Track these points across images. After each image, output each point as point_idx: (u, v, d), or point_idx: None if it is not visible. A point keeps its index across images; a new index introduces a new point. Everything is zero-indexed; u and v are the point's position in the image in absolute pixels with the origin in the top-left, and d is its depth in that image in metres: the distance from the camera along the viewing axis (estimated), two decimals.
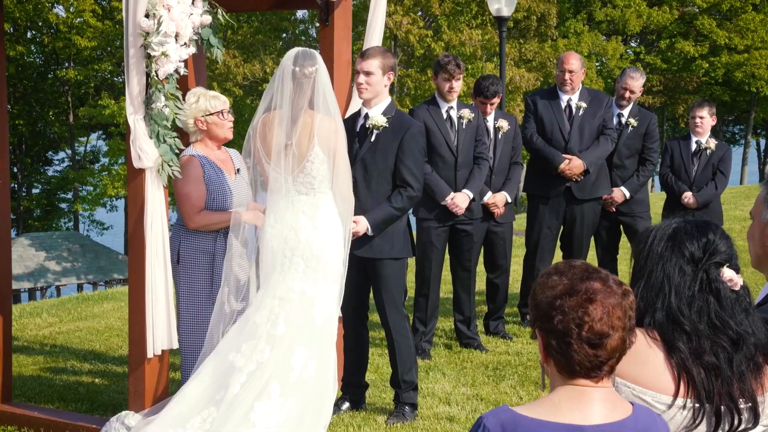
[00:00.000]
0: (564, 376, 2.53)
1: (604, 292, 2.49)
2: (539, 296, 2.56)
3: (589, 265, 2.58)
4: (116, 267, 35.37)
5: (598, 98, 8.60)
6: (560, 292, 2.51)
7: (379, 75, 6.05)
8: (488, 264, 8.34)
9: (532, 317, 2.61)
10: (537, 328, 2.56)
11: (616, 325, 2.47)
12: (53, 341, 8.84)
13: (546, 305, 2.52)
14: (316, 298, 5.46)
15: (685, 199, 8.79)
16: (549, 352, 2.54)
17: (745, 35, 41.65)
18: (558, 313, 2.49)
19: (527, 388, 6.71)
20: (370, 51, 6.13)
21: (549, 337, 2.52)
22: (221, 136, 6.10)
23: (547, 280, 2.57)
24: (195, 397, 5.37)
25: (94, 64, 36.48)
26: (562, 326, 2.48)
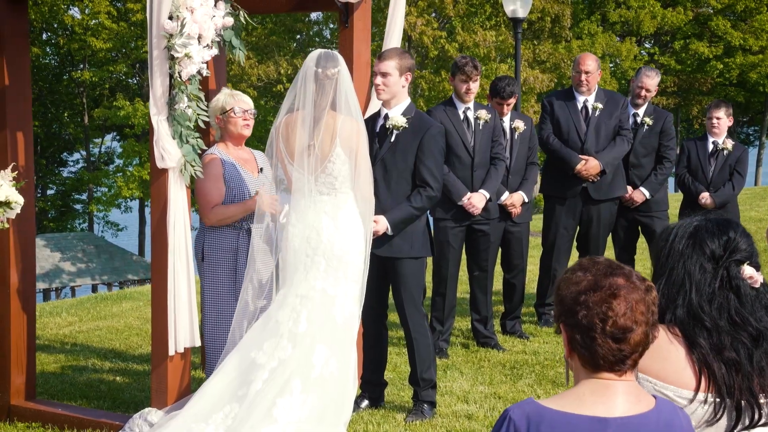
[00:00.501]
0: (588, 370, 2.59)
1: (627, 287, 2.55)
2: (564, 292, 2.61)
3: (612, 261, 2.64)
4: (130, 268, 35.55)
5: (613, 99, 8.66)
6: (584, 288, 2.57)
7: (396, 76, 6.11)
8: (505, 264, 8.40)
9: (557, 312, 2.67)
10: (561, 323, 2.62)
11: (639, 320, 2.53)
12: (74, 340, 8.93)
13: (570, 301, 2.58)
14: (337, 297, 5.53)
15: (702, 199, 8.83)
16: (573, 346, 2.60)
17: (759, 36, 41.52)
18: (582, 309, 2.55)
19: (544, 386, 6.76)
20: (386, 52, 6.20)
21: (573, 331, 2.58)
22: (235, 134, 6.25)
23: (571, 276, 2.63)
24: (217, 394, 5.43)
25: (109, 66, 36.66)
26: (587, 321, 2.54)
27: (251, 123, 6.33)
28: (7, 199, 5.22)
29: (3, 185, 5.24)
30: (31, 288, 6.39)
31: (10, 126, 6.17)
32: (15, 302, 6.25)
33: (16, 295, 6.25)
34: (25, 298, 6.31)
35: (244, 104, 6.27)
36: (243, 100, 6.29)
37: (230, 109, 6.20)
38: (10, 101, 6.18)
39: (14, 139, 6.20)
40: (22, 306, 6.30)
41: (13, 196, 5.27)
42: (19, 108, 6.24)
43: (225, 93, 6.31)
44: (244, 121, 6.24)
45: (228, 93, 6.32)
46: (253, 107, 6.37)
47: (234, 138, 6.25)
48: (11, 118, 6.18)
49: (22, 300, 6.29)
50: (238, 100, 6.29)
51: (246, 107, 6.26)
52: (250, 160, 6.28)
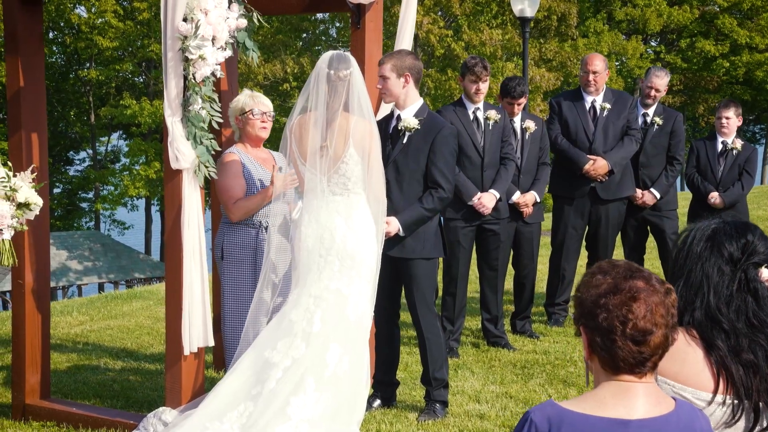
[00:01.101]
0: (608, 372, 2.62)
1: (647, 290, 2.58)
2: (584, 294, 2.64)
3: (632, 264, 2.67)
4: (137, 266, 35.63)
5: (622, 99, 8.69)
6: (604, 291, 2.60)
7: (394, 78, 6.13)
8: (516, 263, 8.43)
9: (577, 314, 2.70)
10: (581, 326, 2.65)
11: (659, 323, 2.56)
12: (85, 339, 8.97)
13: (591, 303, 2.61)
14: (350, 297, 5.57)
15: (712, 199, 8.85)
16: (593, 348, 2.63)
17: (766, 34, 41.48)
18: (602, 311, 2.58)
19: (556, 386, 6.79)
20: (385, 56, 6.26)
21: (594, 334, 2.61)
22: (252, 135, 6.37)
23: (591, 278, 2.66)
24: (231, 393, 5.47)
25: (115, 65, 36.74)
26: (607, 324, 2.57)
27: (269, 125, 6.42)
28: (27, 200, 5.26)
29: (23, 187, 5.27)
30: (45, 288, 6.43)
31: (25, 127, 6.21)
32: (30, 302, 6.29)
33: (30, 294, 6.29)
34: (40, 298, 6.35)
35: (263, 106, 6.37)
36: (262, 102, 6.40)
37: (249, 111, 6.30)
38: (24, 102, 6.22)
39: (29, 139, 6.24)
40: (37, 305, 6.34)
41: (33, 198, 5.31)
42: (33, 109, 6.28)
43: (245, 94, 6.41)
44: (261, 123, 6.35)
45: (248, 94, 6.41)
46: (272, 109, 6.46)
47: (252, 139, 6.38)
48: (26, 119, 6.22)
49: (37, 300, 6.33)
50: (257, 102, 6.39)
51: (265, 109, 6.37)
52: (269, 159, 6.39)
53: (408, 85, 6.15)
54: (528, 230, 8.25)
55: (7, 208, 5.12)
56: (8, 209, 5.13)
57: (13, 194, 5.24)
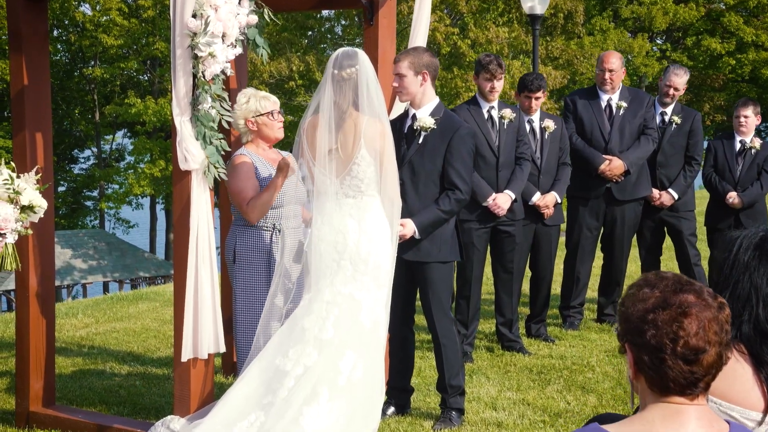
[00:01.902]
0: (656, 393, 2.44)
1: (698, 305, 2.40)
2: (629, 309, 2.47)
3: (680, 276, 2.50)
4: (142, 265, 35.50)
5: (638, 97, 8.51)
6: (652, 306, 2.42)
7: (411, 75, 5.96)
8: (533, 266, 8.24)
9: (622, 331, 2.52)
10: (627, 343, 2.47)
11: (712, 340, 2.39)
12: (90, 342, 8.81)
13: (637, 319, 2.43)
14: (364, 302, 5.39)
15: (730, 199, 8.68)
16: (640, 367, 2.45)
17: None
18: (651, 328, 2.40)
19: (574, 392, 6.61)
20: (400, 53, 6.07)
21: (641, 352, 2.43)
22: (272, 137, 6.23)
23: (637, 292, 2.48)
24: (242, 401, 5.31)
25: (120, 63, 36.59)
26: (656, 341, 2.39)
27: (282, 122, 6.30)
28: (31, 203, 5.09)
29: (27, 189, 5.09)
30: (50, 292, 6.26)
31: (29, 127, 6.04)
32: (34, 306, 6.13)
33: (35, 298, 6.12)
34: (45, 302, 6.19)
35: (277, 105, 6.25)
36: (275, 101, 6.27)
37: (267, 113, 6.14)
38: (29, 102, 6.05)
39: (33, 140, 6.07)
40: (41, 310, 6.17)
41: (37, 200, 5.13)
42: (38, 109, 6.11)
43: (253, 95, 6.21)
44: (279, 123, 6.21)
45: (256, 95, 6.23)
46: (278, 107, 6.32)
47: (269, 140, 6.24)
48: (30, 119, 6.05)
49: (42, 304, 6.17)
50: (272, 102, 6.26)
51: (278, 108, 6.24)
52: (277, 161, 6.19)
53: (425, 84, 5.97)
54: (547, 232, 8.05)
55: (10, 212, 4.95)
56: (12, 212, 4.96)
57: (16, 196, 5.07)
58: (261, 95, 6.23)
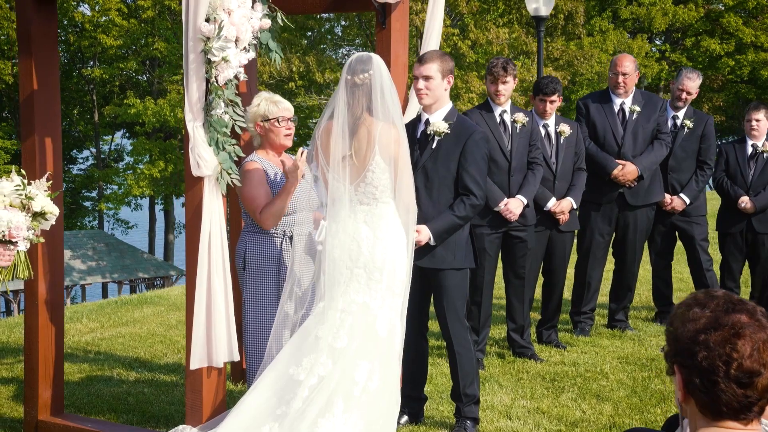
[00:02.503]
0: (708, 418, 2.36)
1: (752, 325, 2.32)
2: (679, 329, 2.38)
3: (731, 295, 2.41)
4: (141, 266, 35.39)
5: (652, 101, 8.42)
6: (703, 326, 2.34)
7: (439, 79, 5.89)
8: (546, 271, 8.15)
9: (671, 352, 2.43)
10: (676, 364, 2.39)
11: (767, 362, 2.30)
12: (96, 348, 8.72)
13: (688, 340, 2.35)
14: (378, 311, 5.30)
15: (742, 203, 8.61)
16: (691, 390, 2.37)
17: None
18: (702, 349, 2.32)
19: (589, 401, 6.53)
20: (427, 55, 5.97)
21: (692, 374, 2.35)
22: (276, 143, 6.14)
23: (686, 311, 2.39)
24: (254, 412, 5.22)
25: (119, 63, 36.45)
26: (708, 363, 2.31)
27: (293, 131, 6.16)
28: (43, 209, 4.99)
29: (38, 195, 5.00)
30: (60, 299, 6.18)
31: (38, 131, 5.95)
32: (43, 314, 6.04)
33: (44, 306, 6.03)
34: (54, 309, 6.10)
35: (288, 112, 6.13)
36: (286, 108, 6.15)
37: (273, 119, 6.05)
38: (38, 105, 5.95)
39: (43, 144, 5.98)
40: (51, 317, 6.08)
41: (49, 207, 5.04)
42: (47, 112, 6.01)
43: (266, 99, 6.13)
44: (287, 130, 6.10)
45: (269, 99, 6.14)
46: (293, 113, 6.19)
47: (275, 147, 6.14)
48: (40, 123, 5.96)
49: (51, 311, 6.07)
50: (281, 109, 6.15)
51: (289, 115, 6.12)
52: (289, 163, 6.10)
53: (448, 88, 5.91)
54: (561, 238, 7.96)
55: (22, 219, 4.86)
56: (24, 220, 4.86)
57: (28, 203, 4.97)
58: (273, 100, 6.13)
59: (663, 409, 6.29)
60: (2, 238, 4.79)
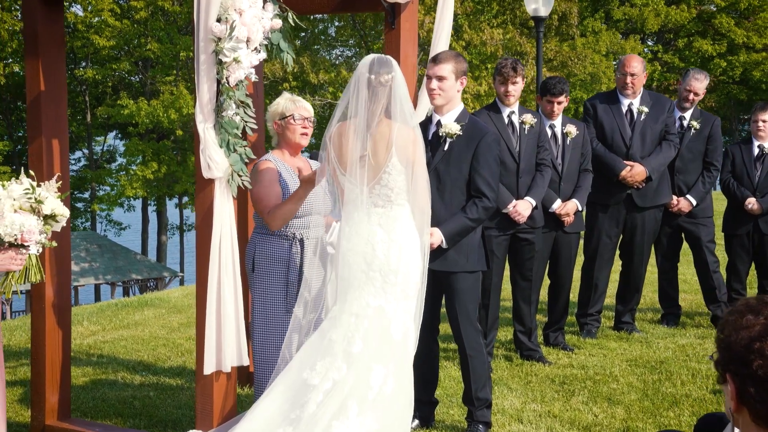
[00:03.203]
0: (762, 428, 2.30)
1: None
2: (732, 337, 2.32)
3: None
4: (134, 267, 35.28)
5: (660, 102, 8.37)
6: (758, 333, 2.28)
7: (452, 80, 5.84)
8: (552, 273, 8.10)
9: (723, 360, 2.37)
10: (729, 373, 2.33)
11: None
12: (99, 351, 8.64)
13: (741, 348, 2.29)
14: (393, 314, 5.23)
15: (749, 205, 8.58)
16: (744, 399, 2.31)
17: (763, 34, 41.60)
18: (757, 357, 2.26)
19: (600, 404, 6.48)
20: (442, 55, 5.92)
21: (745, 383, 2.29)
22: (292, 142, 6.08)
23: (738, 319, 2.33)
24: (268, 416, 5.15)
25: (112, 64, 36.30)
26: (763, 372, 2.25)
27: (310, 131, 6.10)
28: (53, 212, 4.91)
29: (49, 197, 4.92)
30: (67, 302, 6.11)
31: (45, 133, 5.88)
32: (50, 318, 5.97)
33: (51, 310, 5.96)
34: (61, 313, 6.03)
35: (305, 111, 6.06)
36: (304, 107, 6.08)
37: (290, 116, 5.99)
38: (45, 107, 5.89)
39: (50, 146, 5.91)
40: (58, 321, 6.02)
41: (59, 209, 4.96)
42: (55, 114, 5.95)
43: (285, 98, 6.09)
44: (303, 129, 6.03)
45: (288, 98, 6.09)
46: (313, 115, 6.12)
47: (291, 146, 6.07)
48: (47, 125, 5.89)
49: (58, 315, 6.01)
50: (299, 107, 6.08)
51: (306, 114, 6.06)
52: (305, 167, 6.03)
53: (461, 90, 5.85)
54: (567, 240, 7.90)
55: (34, 223, 4.78)
56: (36, 224, 4.78)
57: (38, 206, 4.89)
58: (289, 98, 6.10)
59: (676, 412, 6.24)
60: (14, 242, 4.71)
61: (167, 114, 31.94)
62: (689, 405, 6.39)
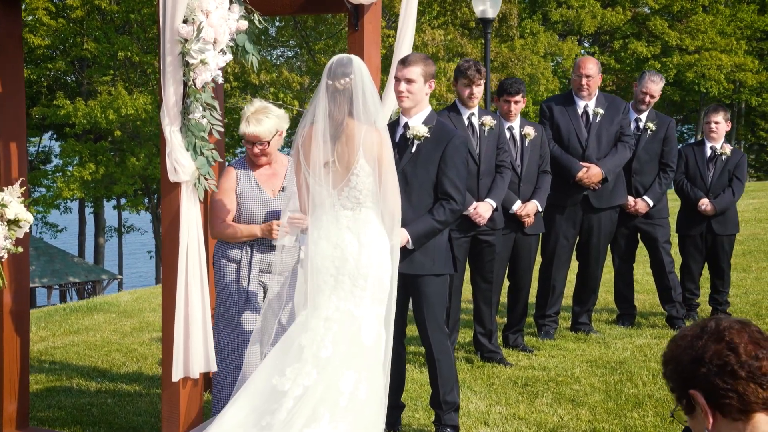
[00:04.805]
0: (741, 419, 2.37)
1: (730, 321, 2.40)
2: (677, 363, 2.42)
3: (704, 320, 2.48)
4: (72, 270, 34.72)
5: (614, 104, 8.44)
6: (691, 341, 2.40)
7: (421, 83, 5.81)
8: (511, 275, 8.10)
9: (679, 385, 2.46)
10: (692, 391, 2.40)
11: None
12: (51, 357, 8.47)
13: (689, 360, 2.45)
14: (363, 319, 5.19)
15: (702, 206, 8.68)
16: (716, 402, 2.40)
17: (695, 36, 42.30)
18: (705, 354, 2.40)
19: (565, 406, 6.50)
20: (411, 58, 5.88)
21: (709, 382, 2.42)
22: (254, 161, 5.98)
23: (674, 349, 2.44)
24: (237, 423, 5.08)
25: (47, 63, 35.67)
26: (718, 359, 2.39)
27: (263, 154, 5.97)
28: (17, 217, 4.79)
29: (12, 202, 4.80)
30: (25, 310, 5.96)
31: (3, 136, 5.74)
32: (8, 324, 5.82)
33: (9, 316, 5.82)
34: (19, 320, 5.89)
35: (254, 137, 5.90)
36: (253, 134, 5.90)
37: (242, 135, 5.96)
38: (4, 110, 5.75)
39: (8, 151, 5.76)
40: (16, 328, 5.87)
41: (23, 214, 4.84)
42: (14, 117, 5.82)
43: (246, 113, 5.98)
44: (254, 152, 5.95)
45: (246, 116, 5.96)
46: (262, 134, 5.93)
47: (253, 164, 6.01)
48: (6, 129, 5.75)
49: (16, 322, 5.86)
50: (249, 134, 5.93)
51: (254, 140, 5.91)
52: (272, 176, 5.99)
53: (429, 92, 5.82)
54: (527, 241, 7.91)
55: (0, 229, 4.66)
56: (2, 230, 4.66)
57: (2, 211, 4.77)
58: (247, 119, 5.94)
59: (640, 413, 6.27)
60: None
61: (105, 114, 31.47)
62: (652, 405, 6.43)
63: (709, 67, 41.60)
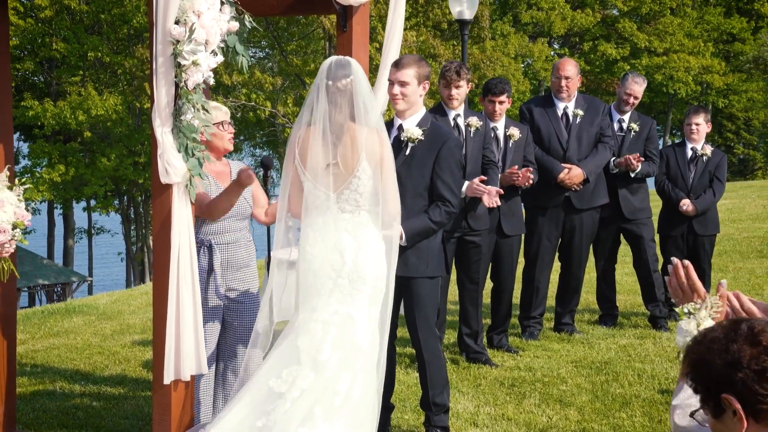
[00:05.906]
0: None
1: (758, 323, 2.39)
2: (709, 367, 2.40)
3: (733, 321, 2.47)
4: (41, 272, 34.45)
5: (594, 105, 8.51)
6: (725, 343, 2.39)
7: (415, 85, 5.82)
8: (494, 276, 8.12)
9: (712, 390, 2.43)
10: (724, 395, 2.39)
11: None
12: (32, 361, 8.39)
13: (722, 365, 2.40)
14: (361, 321, 5.17)
15: (684, 206, 8.75)
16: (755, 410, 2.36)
17: (664, 38, 42.69)
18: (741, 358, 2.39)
19: (553, 406, 6.52)
20: (404, 60, 5.89)
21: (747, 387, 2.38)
22: (221, 148, 6.03)
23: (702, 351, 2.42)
24: (234, 426, 5.06)
25: (15, 63, 35.32)
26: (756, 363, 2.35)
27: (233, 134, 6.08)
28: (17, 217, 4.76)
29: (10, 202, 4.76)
30: (12, 311, 5.93)
31: None
32: None
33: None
34: (6, 323, 5.84)
35: (227, 116, 5.99)
36: (226, 112, 6.01)
37: (218, 123, 5.88)
38: None
39: None
40: (3, 332, 5.82)
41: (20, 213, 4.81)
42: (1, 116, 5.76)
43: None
44: (230, 134, 5.98)
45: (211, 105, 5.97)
46: None
47: (218, 151, 5.99)
48: None
49: (3, 324, 5.82)
50: (224, 113, 6.00)
51: (229, 119, 5.98)
52: (224, 172, 6.02)
53: (423, 94, 5.82)
54: (509, 242, 7.93)
55: None
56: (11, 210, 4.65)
57: None
58: (212, 105, 5.94)
59: (628, 413, 6.31)
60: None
61: (75, 115, 31.24)
62: (640, 405, 6.47)
63: (677, 68, 42.07)
